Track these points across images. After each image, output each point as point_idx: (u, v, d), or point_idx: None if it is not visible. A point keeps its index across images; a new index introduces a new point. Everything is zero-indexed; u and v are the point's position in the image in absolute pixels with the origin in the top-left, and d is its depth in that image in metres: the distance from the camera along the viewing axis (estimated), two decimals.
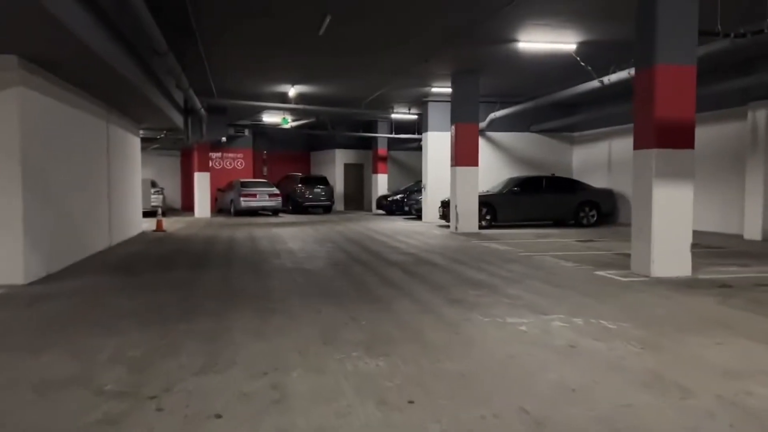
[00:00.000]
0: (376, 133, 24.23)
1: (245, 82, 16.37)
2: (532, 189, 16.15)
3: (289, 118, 21.37)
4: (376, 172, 24.90)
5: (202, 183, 21.57)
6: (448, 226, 16.24)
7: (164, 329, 5.11)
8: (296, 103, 17.79)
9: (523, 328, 5.14)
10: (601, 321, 5.37)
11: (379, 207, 23.20)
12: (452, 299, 6.37)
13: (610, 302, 6.23)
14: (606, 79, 11.79)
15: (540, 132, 19.01)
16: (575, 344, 4.59)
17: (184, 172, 26.63)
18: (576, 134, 19.21)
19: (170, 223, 18.32)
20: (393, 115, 20.85)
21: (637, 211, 7.96)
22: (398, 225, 17.54)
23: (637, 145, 7.94)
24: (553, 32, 10.86)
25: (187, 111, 16.76)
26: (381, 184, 24.68)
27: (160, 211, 15.88)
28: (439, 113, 18.02)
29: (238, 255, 10.45)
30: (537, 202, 15.98)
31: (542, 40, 11.26)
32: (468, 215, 14.62)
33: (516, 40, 11.24)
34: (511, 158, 18.82)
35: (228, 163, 26.10)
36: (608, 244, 11.80)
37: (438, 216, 16.90)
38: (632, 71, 11.23)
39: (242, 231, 15.46)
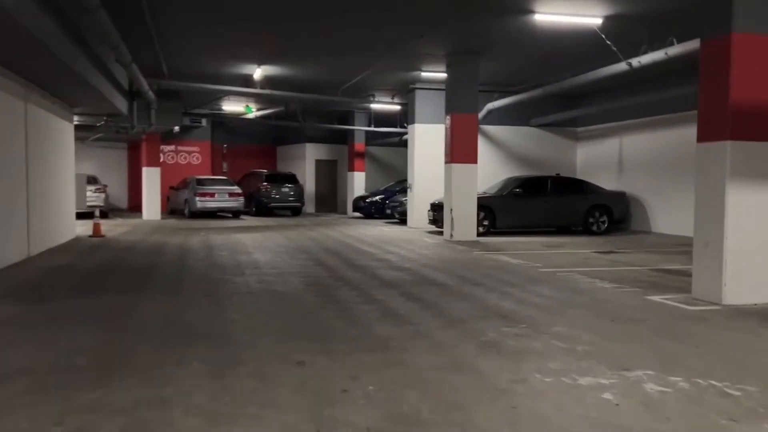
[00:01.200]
0: (353, 125, 22.69)
1: (202, 61, 14.64)
2: (536, 191, 14.84)
3: (253, 106, 19.69)
4: (352, 169, 23.37)
5: (151, 180, 19.72)
6: (440, 233, 14.82)
7: (63, 404, 3.49)
8: (262, 88, 16.14)
9: (608, 396, 3.69)
10: (712, 381, 3.96)
11: (355, 209, 21.67)
12: (485, 342, 4.90)
13: (700, 346, 4.84)
14: (636, 61, 10.51)
15: (540, 126, 17.75)
16: (706, 428, 3.16)
17: (131, 167, 24.66)
18: (580, 129, 18.01)
19: (112, 227, 16.46)
20: (373, 105, 19.32)
21: (702, 220, 6.62)
22: (381, 231, 16.04)
23: (703, 136, 6.60)
24: (577, 2, 9.52)
25: (133, 94, 14.97)
26: (358, 183, 23.15)
27: (97, 212, 14.06)
28: (428, 103, 16.59)
29: (191, 271, 8.80)
30: (541, 205, 14.67)
31: (563, 12, 9.91)
32: (465, 220, 13.21)
33: (532, 11, 9.86)
34: (508, 155, 17.51)
35: (182, 157, 24.24)
36: (635, 257, 10.51)
37: (427, 220, 15.47)
38: (670, 50, 9.97)
39: (197, 237, 13.75)
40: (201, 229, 16.00)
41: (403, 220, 18.29)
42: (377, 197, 21.03)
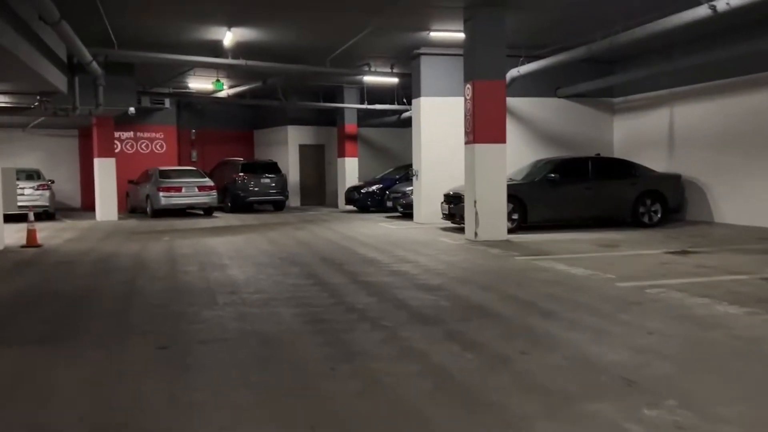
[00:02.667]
0: (343, 103, 20.66)
1: (159, 23, 12.61)
2: (575, 176, 12.99)
3: (224, 82, 17.60)
4: (342, 155, 21.38)
5: (105, 173, 17.62)
6: (459, 230, 12.93)
7: None
8: (234, 58, 14.10)
9: None
10: None
11: (348, 201, 19.72)
12: None
13: None
14: (725, 2, 8.59)
15: (569, 98, 15.87)
16: None
17: (84, 158, 22.45)
18: (618, 100, 16.15)
19: (55, 232, 14.40)
20: (367, 78, 17.34)
21: None
22: (385, 229, 14.11)
23: None
24: None
25: (74, 68, 12.86)
26: (350, 171, 21.17)
27: (31, 216, 11.99)
28: (437, 72, 14.64)
29: (144, 300, 6.84)
30: (582, 193, 12.81)
31: None
32: (493, 215, 11.33)
33: None
34: (533, 132, 15.61)
35: (143, 145, 22.10)
36: (723, 260, 8.69)
37: (441, 215, 13.56)
38: None
39: (158, 245, 11.75)
40: (165, 232, 13.99)
41: (407, 215, 16.37)
42: (374, 187, 19.10)
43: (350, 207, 20.02)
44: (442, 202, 13.57)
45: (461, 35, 13.02)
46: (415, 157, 15.22)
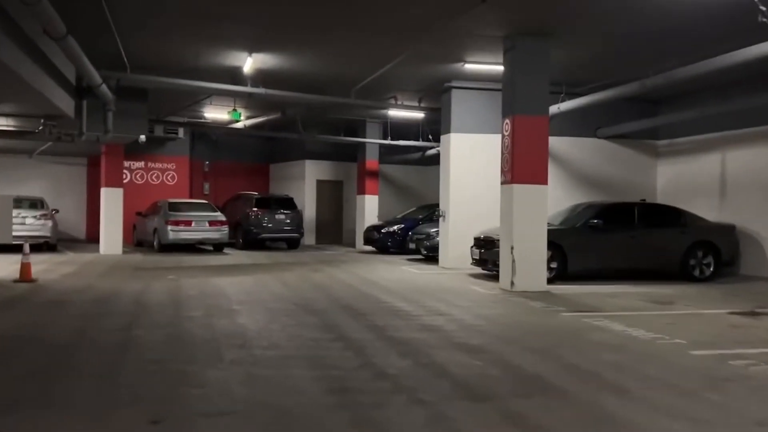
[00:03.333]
0: (365, 137, 20.03)
1: (176, 46, 12.10)
2: (620, 223, 12.13)
3: (241, 112, 17.04)
4: (362, 192, 20.65)
5: (111, 203, 17.00)
6: (490, 277, 12.06)
7: None
8: (254, 85, 13.50)
9: None
10: None
11: (367, 241, 18.90)
12: None
13: None
14: None
15: (611, 138, 15.08)
16: None
17: (92, 188, 21.94)
18: (663, 143, 15.34)
19: (53, 266, 13.67)
20: (392, 112, 16.70)
21: None
22: (409, 274, 13.25)
23: None
24: None
25: (82, 91, 12.30)
26: (369, 209, 20.40)
27: (26, 248, 11.27)
28: (469, 106, 13.97)
29: (138, 355, 6.01)
30: (628, 242, 11.92)
31: None
32: (532, 263, 10.45)
33: None
34: (570, 174, 14.80)
35: (154, 176, 21.53)
36: None
37: (470, 260, 12.68)
38: None
39: (162, 284, 10.96)
40: (171, 270, 13.22)
41: (431, 258, 15.52)
42: (395, 227, 18.29)
43: (369, 247, 19.19)
44: (472, 246, 12.72)
45: (497, 68, 12.40)
46: (442, 197, 14.44)
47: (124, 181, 20.41)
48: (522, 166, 10.45)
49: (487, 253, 12.01)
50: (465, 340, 6.62)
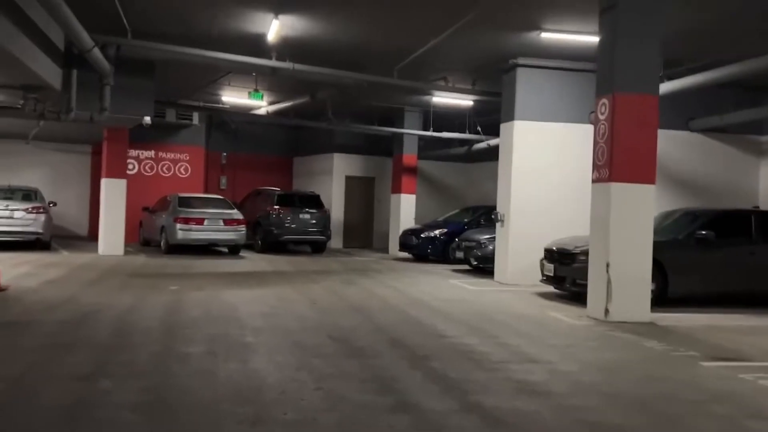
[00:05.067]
0: (403, 128, 17.82)
1: (187, 6, 10.02)
2: (733, 235, 9.83)
3: (263, 93, 14.90)
4: (398, 190, 18.44)
5: (113, 197, 15.01)
6: (564, 298, 9.83)
7: None
8: (279, 59, 11.38)
9: None
10: None
11: (403, 247, 16.72)
12: None
13: None
14: None
15: (706, 132, 12.73)
16: None
17: (96, 179, 19.97)
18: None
19: (38, 268, 11.70)
20: (437, 98, 14.49)
21: None
22: (462, 291, 11.02)
23: None
24: None
25: (72, 58, 10.24)
26: (406, 210, 18.19)
27: None
28: (539, 89, 11.75)
29: (94, 429, 3.88)
30: (744, 260, 9.62)
31: None
32: (632, 285, 8.18)
33: None
34: (660, 173, 12.41)
35: (165, 167, 19.53)
36: None
37: (540, 277, 10.43)
38: None
39: (160, 298, 8.85)
40: (175, 278, 11.14)
41: (481, 269, 13.30)
42: (436, 232, 16.08)
43: (404, 254, 17.00)
44: (542, 260, 10.47)
45: (581, 40, 10.26)
46: (500, 197, 12.20)
47: (132, 172, 18.58)
48: (624, 159, 8.17)
49: (564, 269, 9.75)
50: (597, 417, 4.39)
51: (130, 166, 18.77)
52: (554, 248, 10.21)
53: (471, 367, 5.59)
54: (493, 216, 12.36)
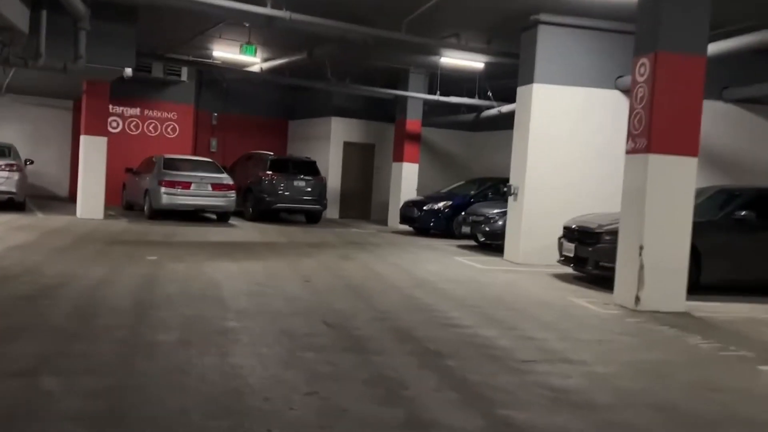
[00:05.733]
0: (406, 91, 16.82)
1: None
2: None
3: (256, 47, 13.82)
4: (400, 158, 17.50)
5: (92, 156, 14.08)
6: (584, 280, 9.03)
7: None
8: (275, 6, 10.36)
9: None
10: None
11: (404, 219, 15.85)
12: None
13: None
14: None
15: (741, 102, 11.84)
16: None
17: (77, 137, 18.98)
18: None
19: (6, 231, 10.85)
20: (445, 59, 13.49)
21: None
22: (470, 269, 10.18)
23: None
24: None
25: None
26: (408, 180, 17.28)
27: None
28: (562, 49, 10.78)
29: None
30: None
31: None
32: (667, 271, 7.36)
33: None
34: None
35: (151, 126, 18.55)
36: None
37: (557, 256, 9.59)
38: None
39: (135, 269, 7.98)
40: (155, 246, 10.28)
41: (489, 246, 12.48)
42: (440, 204, 15.19)
43: (404, 227, 16.15)
44: (560, 239, 9.62)
45: None
46: (514, 169, 11.30)
47: (115, 131, 17.73)
48: (665, 127, 7.28)
49: (586, 249, 8.90)
50: None
51: (114, 124, 17.89)
52: (575, 226, 9.36)
53: (494, 367, 4.76)
54: (505, 189, 11.47)
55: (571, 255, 9.21)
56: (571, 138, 10.81)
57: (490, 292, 8.01)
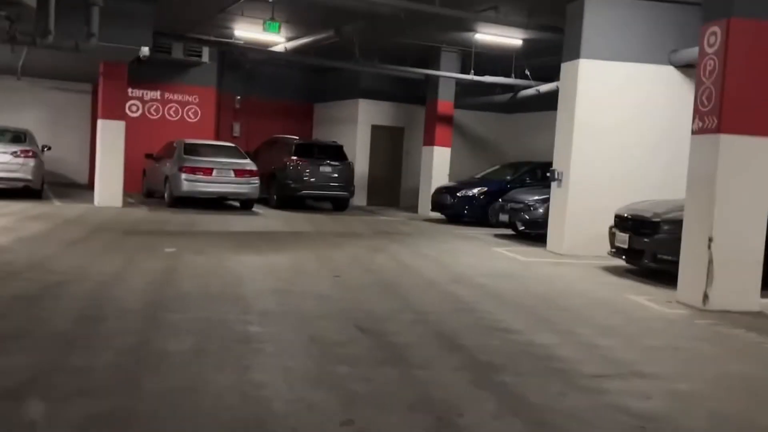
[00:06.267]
0: (438, 70, 16.04)
1: None
2: None
3: (280, 24, 13.14)
4: (431, 142, 16.77)
5: (110, 141, 13.63)
6: (638, 274, 8.29)
7: None
8: None
9: None
10: None
11: (436, 207, 15.15)
12: None
13: None
14: None
15: None
16: None
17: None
18: None
19: (20, 221, 10.39)
20: (480, 35, 12.69)
21: None
22: (511, 262, 9.49)
23: None
24: None
25: None
26: (439, 165, 16.55)
27: None
28: (613, 20, 9.98)
29: None
30: None
31: None
32: (739, 265, 6.60)
33: None
34: None
35: (172, 110, 18.01)
36: None
37: (608, 247, 8.85)
38: None
39: (151, 263, 7.43)
40: (175, 236, 9.76)
41: (528, 236, 11.76)
42: (475, 190, 14.48)
43: (435, 214, 15.45)
44: (612, 228, 8.86)
45: None
46: (558, 152, 10.53)
47: (135, 115, 17.27)
48: (738, 104, 6.48)
49: (641, 241, 8.14)
50: None
51: (134, 108, 17.41)
52: (628, 215, 8.59)
53: (558, 384, 4.08)
54: (548, 174, 10.70)
55: (625, 246, 8.45)
56: (620, 118, 10.01)
57: (538, 289, 7.31)
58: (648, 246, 8.04)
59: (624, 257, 8.62)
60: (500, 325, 5.53)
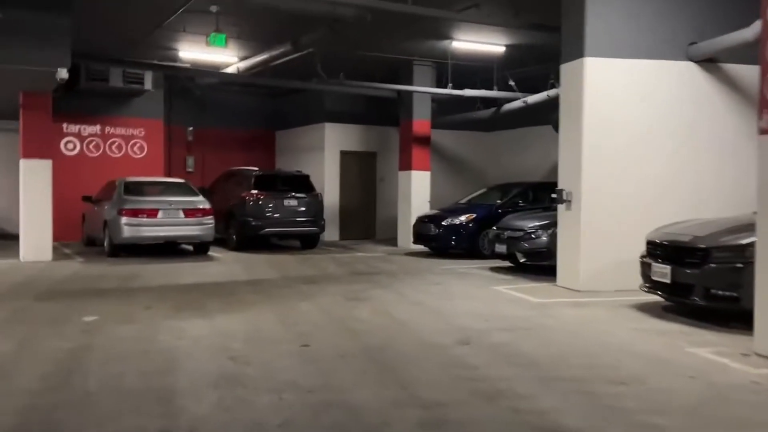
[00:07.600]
0: (411, 84, 14.47)
1: None
2: None
3: (226, 34, 11.40)
4: (407, 166, 15.15)
5: (34, 184, 11.69)
6: (668, 308, 6.71)
7: None
8: None
9: None
10: None
11: (419, 238, 13.47)
12: None
13: None
14: None
15: None
16: None
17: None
18: None
19: None
20: (457, 43, 11.18)
21: None
22: (521, 307, 7.82)
23: None
24: None
25: None
26: (418, 191, 14.93)
27: None
28: (623, 9, 8.50)
29: None
30: None
31: None
32: None
33: None
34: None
35: (115, 145, 16.11)
36: None
37: (643, 280, 7.24)
38: None
39: (58, 341, 5.60)
40: (107, 294, 7.90)
41: (532, 268, 10.17)
42: (462, 218, 12.86)
43: (419, 247, 13.77)
44: (643, 257, 7.26)
45: None
46: (564, 171, 8.95)
47: (73, 153, 15.62)
48: None
49: (689, 273, 6.54)
50: None
51: (70, 145, 15.58)
52: (664, 241, 7.01)
53: None
54: (554, 196, 9.10)
55: (666, 281, 6.83)
56: (636, 124, 8.50)
57: (571, 347, 5.64)
58: (698, 279, 6.44)
59: (663, 293, 7.01)
60: (547, 420, 3.82)
